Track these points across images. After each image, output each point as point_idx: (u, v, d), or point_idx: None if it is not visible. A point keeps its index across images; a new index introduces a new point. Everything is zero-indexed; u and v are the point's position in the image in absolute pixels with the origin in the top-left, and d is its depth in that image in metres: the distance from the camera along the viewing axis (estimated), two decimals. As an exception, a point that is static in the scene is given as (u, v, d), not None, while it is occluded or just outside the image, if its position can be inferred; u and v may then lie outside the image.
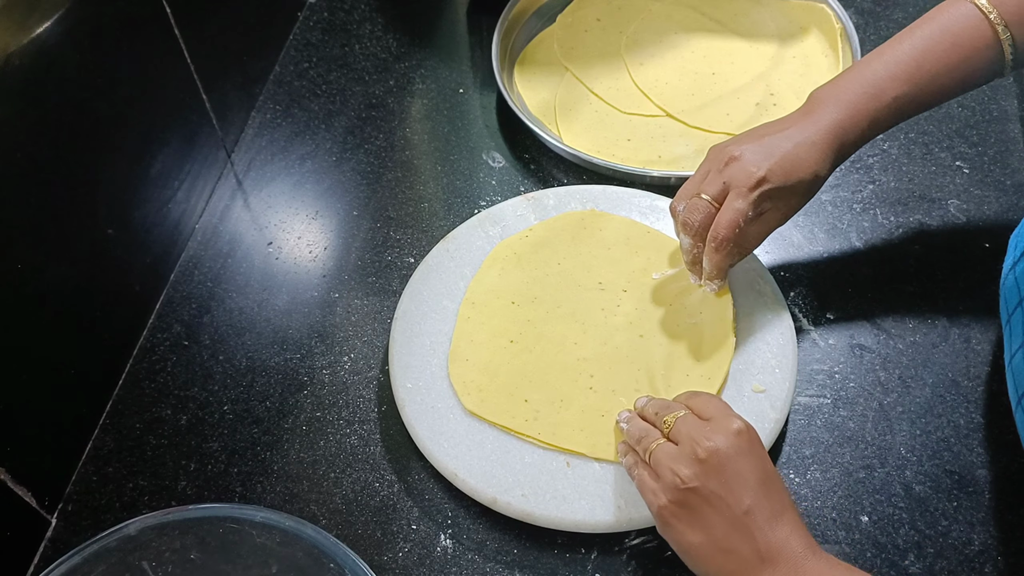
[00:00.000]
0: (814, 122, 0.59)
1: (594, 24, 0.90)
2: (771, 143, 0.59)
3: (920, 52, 0.59)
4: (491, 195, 0.78)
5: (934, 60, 0.59)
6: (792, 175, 0.58)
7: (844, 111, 0.59)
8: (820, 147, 0.59)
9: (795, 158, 0.58)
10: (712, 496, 0.49)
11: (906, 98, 0.60)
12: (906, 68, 0.59)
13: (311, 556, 0.52)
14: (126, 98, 0.66)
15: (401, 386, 0.64)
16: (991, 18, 0.58)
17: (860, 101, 0.59)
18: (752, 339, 0.65)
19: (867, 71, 0.60)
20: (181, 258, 0.75)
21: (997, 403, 0.63)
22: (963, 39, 0.59)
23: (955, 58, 0.59)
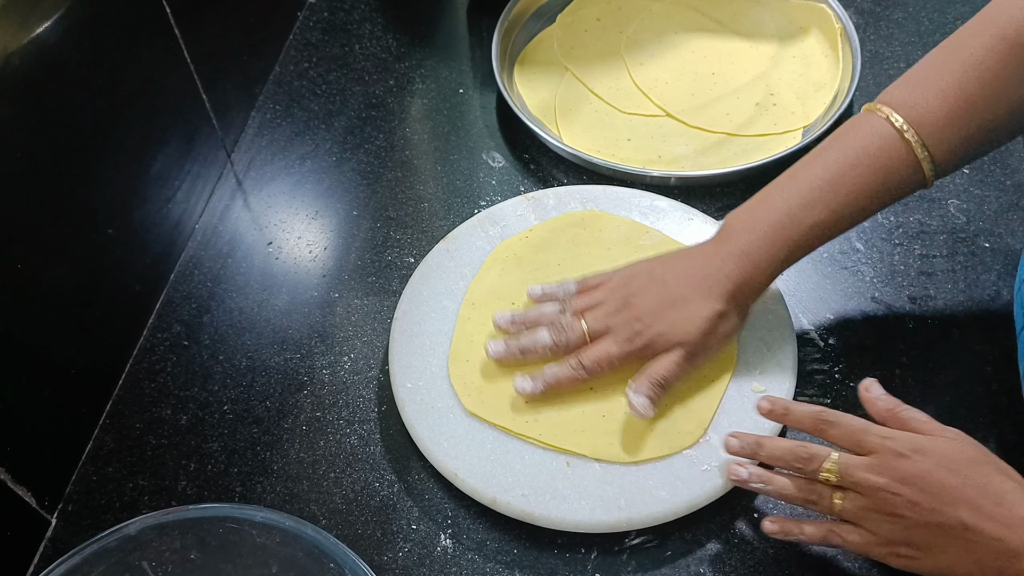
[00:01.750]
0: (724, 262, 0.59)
1: (594, 24, 0.90)
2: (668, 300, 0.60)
3: (836, 176, 0.57)
4: (491, 195, 0.78)
5: (851, 184, 0.57)
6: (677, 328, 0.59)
7: (754, 242, 0.58)
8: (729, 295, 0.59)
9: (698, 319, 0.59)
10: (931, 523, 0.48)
11: (824, 224, 0.58)
12: (822, 194, 0.57)
13: (311, 556, 0.52)
14: (126, 98, 0.66)
15: (401, 386, 0.64)
16: (907, 137, 0.56)
17: (772, 233, 0.58)
18: (752, 339, 0.65)
19: (780, 198, 0.59)
20: (181, 258, 0.75)
21: (997, 403, 0.63)
22: (880, 161, 0.56)
23: (873, 181, 0.57)
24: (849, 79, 0.81)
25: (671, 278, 0.61)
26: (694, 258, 0.61)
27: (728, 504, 0.60)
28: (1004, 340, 0.66)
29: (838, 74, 0.84)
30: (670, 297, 0.60)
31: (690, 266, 0.61)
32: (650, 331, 0.59)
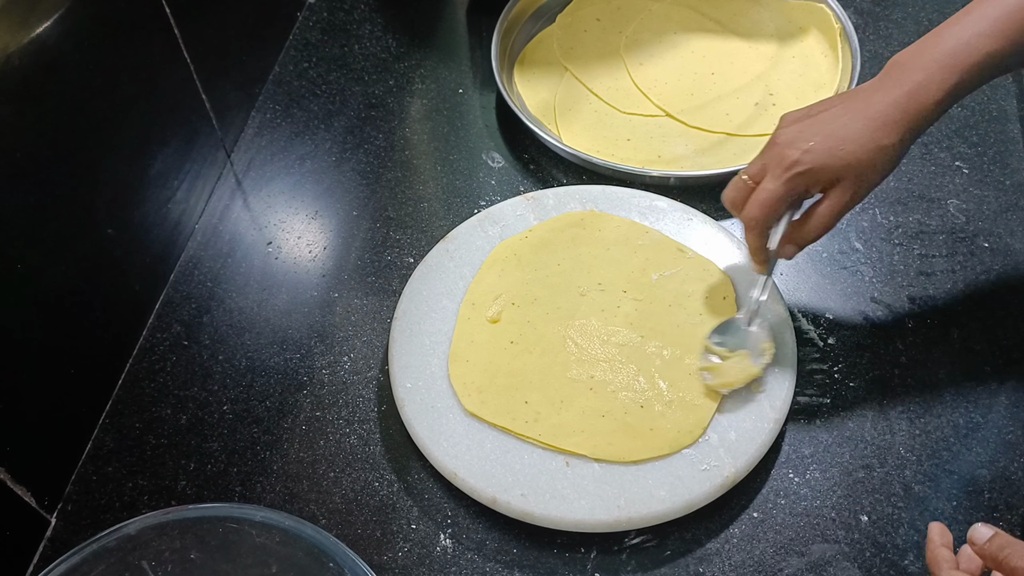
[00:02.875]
0: (883, 91, 0.57)
1: (593, 24, 0.90)
2: (819, 121, 0.58)
3: (1013, 8, 0.55)
4: (491, 195, 0.78)
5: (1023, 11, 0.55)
6: (838, 154, 0.56)
7: (924, 72, 0.56)
8: (880, 119, 0.56)
9: (845, 135, 0.56)
10: None
11: (998, 55, 0.55)
12: (999, 24, 0.55)
13: (311, 556, 0.52)
14: (126, 98, 0.66)
15: (401, 386, 0.64)
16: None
17: (945, 60, 0.56)
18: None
19: (952, 30, 0.57)
20: (181, 258, 0.75)
21: (997, 403, 0.63)
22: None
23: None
24: (848, 79, 0.81)
25: (831, 113, 0.58)
26: (858, 93, 0.59)
27: (727, 504, 0.60)
28: (1003, 340, 0.67)
29: (837, 74, 0.84)
30: (831, 127, 0.57)
31: (854, 99, 0.58)
32: (808, 158, 0.57)
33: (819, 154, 0.57)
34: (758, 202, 0.59)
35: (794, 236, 0.60)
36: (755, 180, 0.59)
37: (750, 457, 0.59)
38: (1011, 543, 0.45)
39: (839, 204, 0.58)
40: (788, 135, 0.58)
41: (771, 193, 0.58)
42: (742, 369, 0.62)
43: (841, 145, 0.56)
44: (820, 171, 0.57)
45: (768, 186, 0.58)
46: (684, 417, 0.61)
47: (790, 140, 0.58)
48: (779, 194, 0.58)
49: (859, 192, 0.58)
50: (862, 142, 0.56)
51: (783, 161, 0.57)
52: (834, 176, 0.57)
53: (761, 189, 0.59)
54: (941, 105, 0.56)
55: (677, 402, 0.62)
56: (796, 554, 0.58)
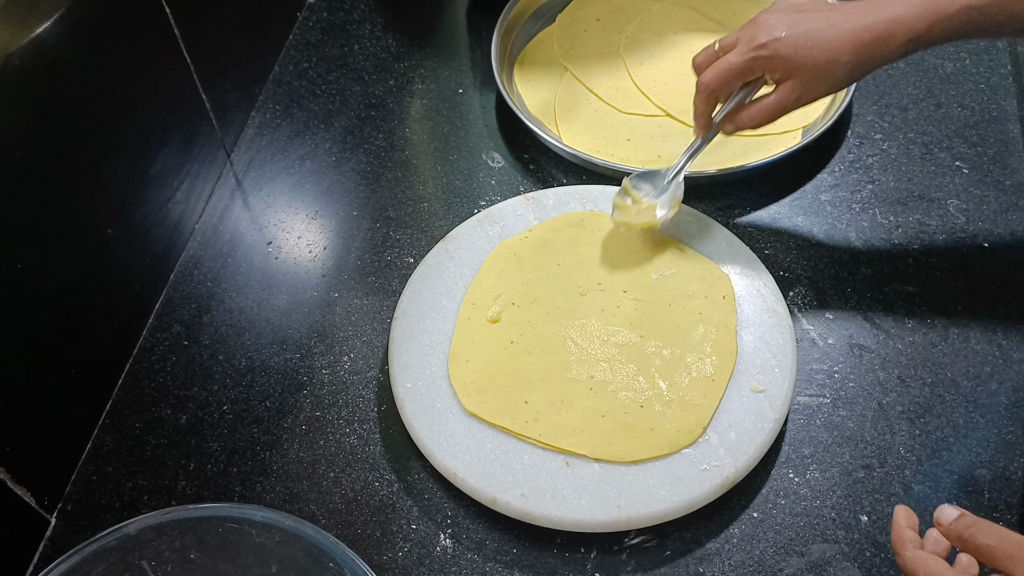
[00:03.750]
0: (866, 12, 0.59)
1: (593, 24, 0.90)
2: (801, 18, 0.60)
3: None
4: (491, 195, 0.78)
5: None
6: (800, 51, 0.59)
7: (906, 7, 0.58)
8: (852, 36, 0.58)
9: (813, 37, 0.59)
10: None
11: (979, 11, 0.56)
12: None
13: (311, 556, 0.52)
14: (126, 98, 0.66)
15: (401, 386, 0.64)
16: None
17: (933, 2, 0.57)
18: (752, 339, 0.65)
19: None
20: (181, 258, 0.75)
21: (997, 403, 0.63)
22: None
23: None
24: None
25: (815, 15, 0.61)
26: (841, 6, 0.61)
27: (727, 504, 0.60)
28: (1003, 340, 0.67)
29: (838, 74, 0.84)
30: (806, 26, 0.60)
31: (841, 9, 0.60)
32: (775, 45, 0.60)
33: (785, 44, 0.60)
34: (717, 70, 0.63)
35: (735, 115, 0.64)
36: (723, 51, 0.63)
37: (750, 457, 0.59)
38: (977, 522, 0.45)
39: (783, 99, 0.62)
40: (768, 19, 0.61)
41: (730, 65, 0.62)
42: (645, 215, 0.69)
43: (806, 44, 0.59)
44: (780, 60, 0.60)
45: (731, 58, 0.62)
46: (684, 417, 0.61)
47: (767, 24, 0.61)
48: (737, 68, 0.62)
49: (804, 95, 0.61)
50: (825, 49, 0.59)
51: (752, 40, 0.61)
52: (789, 70, 0.60)
53: (723, 60, 0.63)
54: (912, 44, 0.58)
55: (677, 402, 0.62)
56: (796, 554, 0.58)
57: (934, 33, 0.58)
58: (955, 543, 0.46)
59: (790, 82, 0.61)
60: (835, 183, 0.77)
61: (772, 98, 0.62)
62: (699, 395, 0.62)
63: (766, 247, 0.73)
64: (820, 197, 0.76)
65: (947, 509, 0.46)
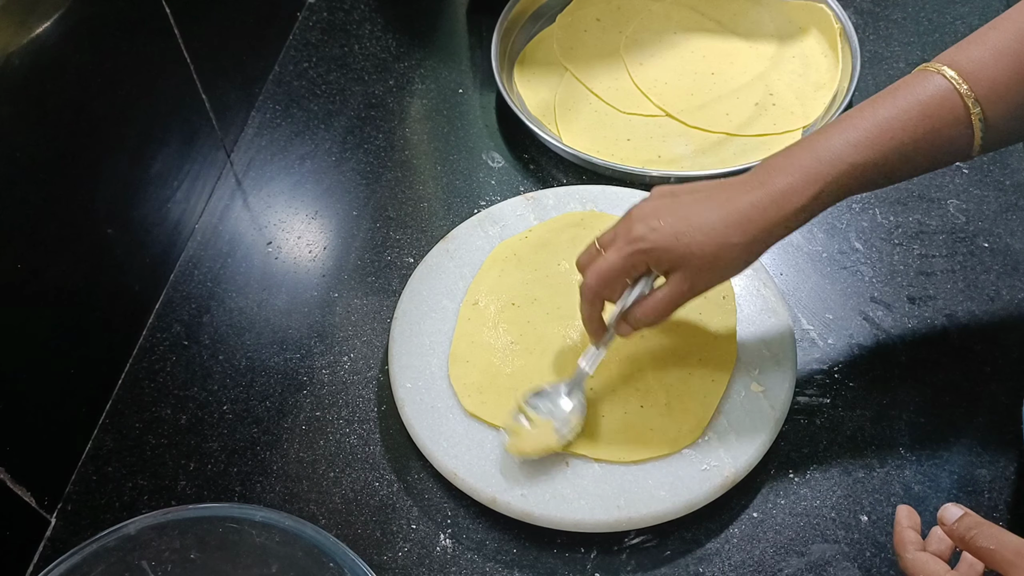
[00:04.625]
0: (747, 189, 0.55)
1: (593, 24, 0.90)
2: (679, 203, 0.56)
3: (883, 120, 0.54)
4: (491, 195, 0.78)
5: (899, 129, 0.54)
6: (684, 239, 0.54)
7: (789, 178, 0.54)
8: (738, 216, 0.54)
9: (695, 222, 0.54)
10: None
11: (866, 166, 0.54)
12: (866, 135, 0.54)
13: (311, 556, 0.52)
14: (126, 98, 0.66)
15: (401, 386, 0.64)
16: (962, 91, 0.53)
17: (811, 167, 0.54)
18: (752, 339, 0.65)
19: (823, 140, 0.55)
20: (181, 258, 0.75)
21: (997, 403, 0.63)
22: (931, 110, 0.53)
23: (922, 129, 0.54)
24: (848, 79, 0.81)
25: (694, 198, 0.57)
26: (722, 186, 0.57)
27: (727, 504, 0.60)
28: (1003, 340, 0.67)
29: (837, 74, 0.84)
30: (686, 212, 0.56)
31: (721, 191, 0.57)
32: (653, 236, 0.55)
33: (664, 235, 0.55)
34: (596, 271, 0.57)
35: (628, 315, 0.58)
36: (604, 248, 0.58)
37: (750, 457, 0.59)
38: (979, 523, 0.45)
39: (675, 293, 0.56)
40: (643, 210, 0.56)
41: (610, 264, 0.56)
42: (541, 439, 0.60)
43: (688, 232, 0.54)
44: (661, 252, 0.55)
45: (609, 256, 0.57)
46: (684, 417, 0.61)
47: (643, 215, 0.56)
48: (616, 267, 0.56)
49: (697, 284, 0.56)
50: (711, 234, 0.54)
51: (628, 234, 0.56)
52: (674, 261, 0.55)
53: (602, 258, 0.57)
54: (803, 212, 0.55)
55: (677, 402, 0.62)
56: (796, 554, 0.58)
57: (823, 198, 0.55)
58: (957, 543, 0.46)
59: (679, 274, 0.56)
60: (835, 183, 0.77)
61: (662, 292, 0.56)
62: (699, 395, 0.62)
63: (766, 247, 0.73)
64: (820, 197, 0.76)
65: (951, 508, 0.46)
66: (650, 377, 0.63)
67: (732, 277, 0.58)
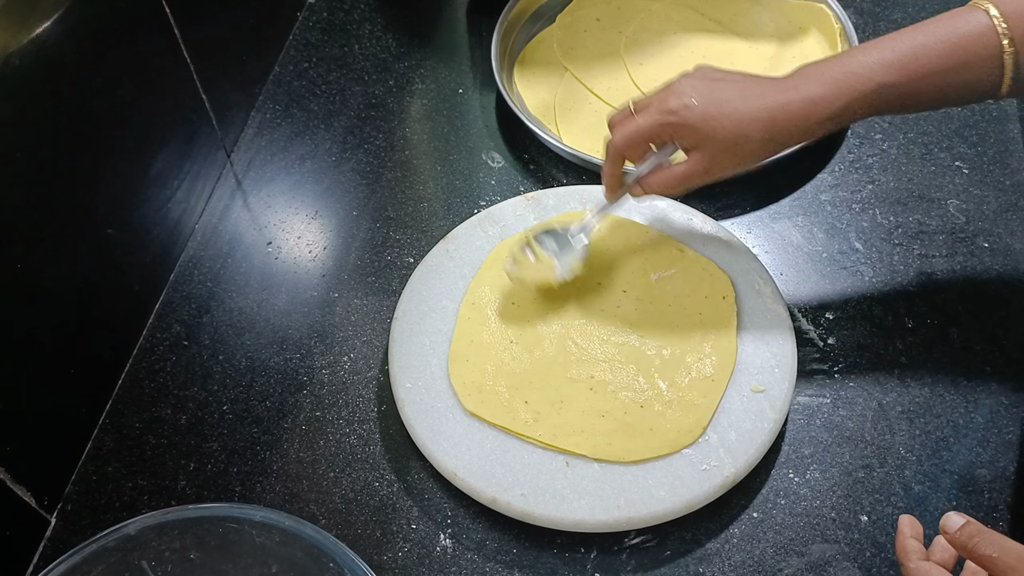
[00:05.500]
0: (781, 90, 0.58)
1: (593, 24, 0.90)
2: (716, 87, 0.59)
3: (919, 45, 0.56)
4: (491, 195, 0.78)
5: (932, 56, 0.56)
6: (710, 122, 0.57)
7: (820, 87, 0.57)
8: (765, 113, 0.57)
9: (725, 109, 0.57)
10: None
11: (893, 88, 0.56)
12: (900, 58, 0.56)
13: (311, 556, 0.52)
14: (126, 98, 0.66)
15: (401, 386, 0.64)
16: (1000, 30, 0.55)
17: (842, 79, 0.57)
18: (752, 339, 0.65)
19: (859, 55, 0.57)
20: (181, 258, 0.75)
21: (997, 403, 0.63)
22: (966, 42, 0.55)
23: (953, 60, 0.56)
24: (849, 79, 0.81)
25: (731, 85, 0.59)
26: (759, 81, 0.60)
27: (727, 504, 0.60)
28: (1003, 340, 0.67)
29: (838, 74, 0.83)
30: (720, 96, 0.58)
31: (757, 84, 0.59)
32: (685, 112, 0.58)
33: (693, 113, 0.58)
34: (624, 132, 0.61)
35: (644, 180, 0.62)
36: (637, 111, 0.61)
37: (750, 457, 0.59)
38: (981, 531, 0.45)
39: (692, 170, 0.59)
40: (683, 86, 0.59)
41: (638, 128, 0.60)
42: (541, 273, 0.66)
43: (717, 117, 0.57)
44: (687, 130, 0.58)
45: (639, 121, 0.60)
46: (684, 417, 0.61)
47: (681, 90, 0.59)
48: (644, 132, 0.60)
49: (712, 168, 0.59)
50: (737, 124, 0.57)
51: (663, 105, 0.59)
52: (698, 140, 0.58)
53: (632, 122, 0.60)
54: (828, 122, 0.57)
55: (677, 402, 0.62)
56: (796, 554, 0.58)
57: (849, 112, 0.57)
58: (960, 552, 0.46)
59: (698, 153, 0.59)
60: (835, 183, 0.77)
61: (680, 168, 0.60)
62: (699, 395, 0.62)
63: (766, 247, 0.73)
64: (820, 197, 0.76)
65: (952, 517, 0.46)
66: (650, 377, 0.63)
67: (750, 168, 0.61)
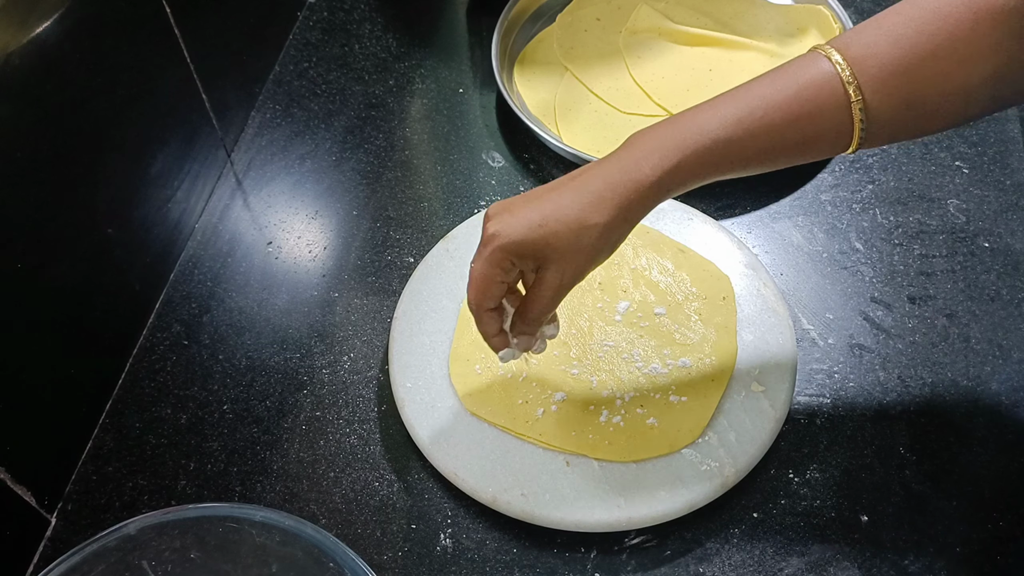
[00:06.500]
0: (603, 169, 0.53)
1: (593, 24, 0.90)
2: (531, 199, 0.54)
3: (760, 98, 0.51)
4: (491, 195, 0.78)
5: (774, 108, 0.51)
6: (537, 231, 0.52)
7: (644, 151, 0.52)
8: (591, 197, 0.52)
9: (547, 213, 0.52)
10: None
11: (731, 143, 0.51)
12: (738, 111, 0.51)
13: (311, 555, 0.52)
14: (126, 98, 0.66)
15: (401, 386, 0.64)
16: (844, 78, 0.50)
17: (671, 139, 0.52)
18: (752, 339, 0.65)
19: (692, 113, 0.53)
20: (181, 258, 0.75)
21: (997, 403, 0.63)
22: (810, 93, 0.50)
23: (796, 112, 0.51)
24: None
25: (548, 192, 0.54)
26: (583, 171, 0.54)
27: (727, 504, 0.60)
28: (1003, 340, 0.67)
29: (838, 74, 0.83)
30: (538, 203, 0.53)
31: (576, 178, 0.54)
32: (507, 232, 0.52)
33: (518, 229, 0.52)
34: (470, 285, 0.55)
35: (516, 320, 0.57)
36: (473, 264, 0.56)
37: (750, 457, 0.59)
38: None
39: (550, 285, 0.54)
40: (495, 208, 0.54)
41: (479, 273, 0.54)
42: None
43: (542, 222, 0.52)
44: (521, 247, 0.52)
45: (476, 266, 0.54)
46: (684, 417, 0.61)
47: (495, 212, 0.54)
48: (485, 272, 0.54)
49: (567, 273, 0.53)
50: (566, 220, 0.52)
51: (485, 238, 0.53)
52: (538, 253, 0.53)
53: (472, 271, 0.55)
54: (659, 187, 0.52)
55: (677, 402, 0.62)
56: (796, 554, 0.58)
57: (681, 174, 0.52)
58: None
59: (547, 269, 0.53)
60: (835, 183, 0.77)
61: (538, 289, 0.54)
62: (699, 395, 0.62)
63: (766, 247, 0.73)
64: (820, 197, 0.76)
65: None
66: (650, 377, 0.63)
67: (603, 261, 0.55)
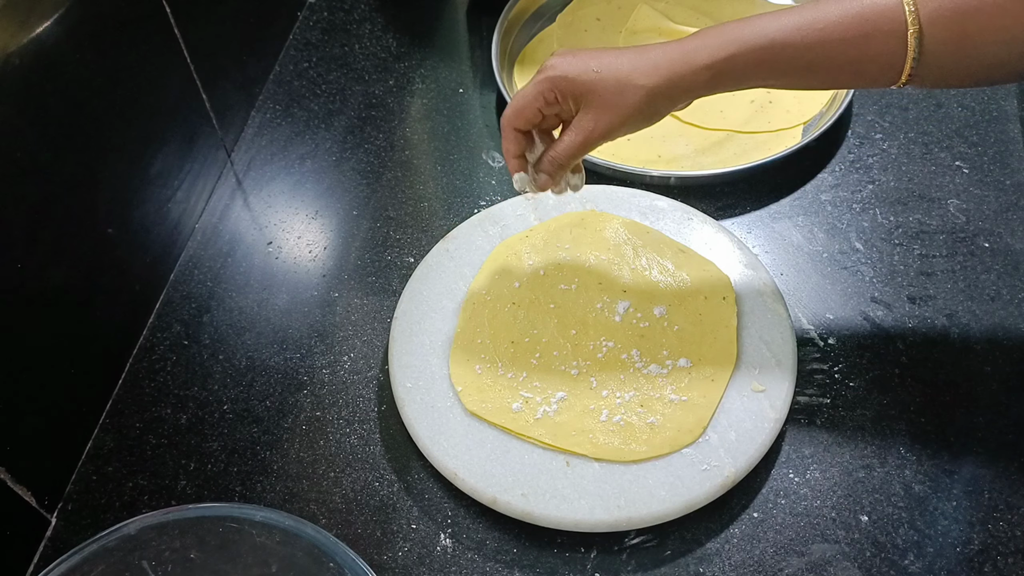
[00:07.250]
0: (669, 45, 0.57)
1: (594, 24, 0.90)
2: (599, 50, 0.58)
3: (821, 11, 0.54)
4: (491, 195, 0.78)
5: (833, 23, 0.53)
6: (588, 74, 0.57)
7: (706, 39, 0.56)
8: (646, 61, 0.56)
9: (603, 61, 0.57)
10: None
11: (786, 47, 0.54)
12: (799, 20, 0.54)
13: (311, 555, 0.52)
14: (126, 98, 0.66)
15: (401, 386, 0.64)
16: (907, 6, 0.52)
17: (732, 33, 0.55)
18: (752, 339, 0.65)
19: (760, 16, 0.56)
20: (181, 258, 0.75)
21: (997, 403, 0.63)
22: (871, 15, 0.53)
23: (854, 30, 0.53)
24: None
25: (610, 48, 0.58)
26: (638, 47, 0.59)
27: (728, 504, 0.60)
28: (1003, 340, 0.67)
29: (838, 74, 0.84)
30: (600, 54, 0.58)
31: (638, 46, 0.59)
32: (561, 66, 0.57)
33: (573, 66, 0.57)
34: (511, 104, 0.59)
35: (543, 157, 0.60)
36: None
37: (750, 457, 0.59)
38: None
39: (583, 129, 0.58)
40: (562, 51, 0.59)
41: (523, 95, 0.59)
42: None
43: (597, 68, 0.57)
44: (568, 82, 0.57)
45: (523, 89, 0.59)
46: (684, 417, 0.61)
47: (561, 52, 0.59)
48: (528, 95, 0.58)
49: (601, 122, 0.57)
50: (617, 73, 0.56)
51: (542, 68, 0.59)
52: (580, 93, 0.57)
53: (517, 93, 0.60)
54: (710, 71, 0.55)
55: (677, 402, 0.62)
56: (796, 554, 0.58)
57: (734, 65, 0.55)
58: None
59: (584, 112, 0.58)
60: (835, 183, 0.77)
61: (569, 133, 0.59)
62: (699, 395, 0.62)
63: (766, 247, 0.73)
64: (820, 197, 0.76)
65: None
66: (650, 377, 0.63)
67: (636, 130, 0.59)
